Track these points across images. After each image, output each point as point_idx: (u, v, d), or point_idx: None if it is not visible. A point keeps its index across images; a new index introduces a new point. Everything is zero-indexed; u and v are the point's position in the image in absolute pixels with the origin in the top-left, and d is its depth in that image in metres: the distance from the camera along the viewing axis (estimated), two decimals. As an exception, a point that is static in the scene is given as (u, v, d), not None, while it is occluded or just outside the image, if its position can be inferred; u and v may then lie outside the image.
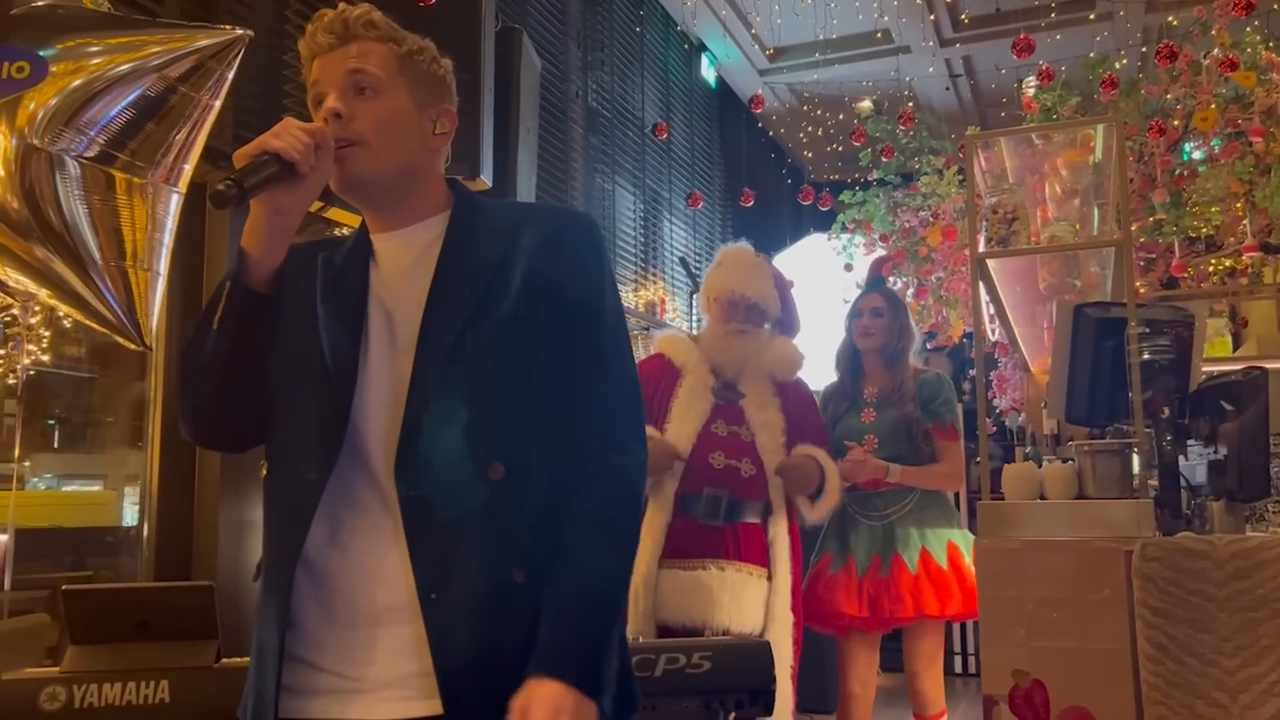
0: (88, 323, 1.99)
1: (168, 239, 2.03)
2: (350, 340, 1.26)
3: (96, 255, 1.89)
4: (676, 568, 2.74)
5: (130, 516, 3.44)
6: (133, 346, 2.03)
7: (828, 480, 2.85)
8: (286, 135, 1.21)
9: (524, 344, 1.27)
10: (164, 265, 2.02)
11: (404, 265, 1.32)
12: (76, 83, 1.84)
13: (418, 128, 1.34)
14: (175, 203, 2.03)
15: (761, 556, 2.80)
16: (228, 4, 3.38)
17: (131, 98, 1.89)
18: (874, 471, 3.09)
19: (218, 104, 2.07)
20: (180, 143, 1.99)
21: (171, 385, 3.27)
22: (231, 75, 2.09)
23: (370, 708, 1.18)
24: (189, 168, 2.05)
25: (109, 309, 1.93)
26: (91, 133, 1.86)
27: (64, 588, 1.98)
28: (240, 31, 2.08)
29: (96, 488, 3.92)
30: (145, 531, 3.22)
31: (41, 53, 1.84)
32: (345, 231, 4.62)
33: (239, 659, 1.97)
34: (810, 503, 2.86)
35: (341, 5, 1.36)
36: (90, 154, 1.87)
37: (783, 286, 3.05)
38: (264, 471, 1.29)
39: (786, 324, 3.05)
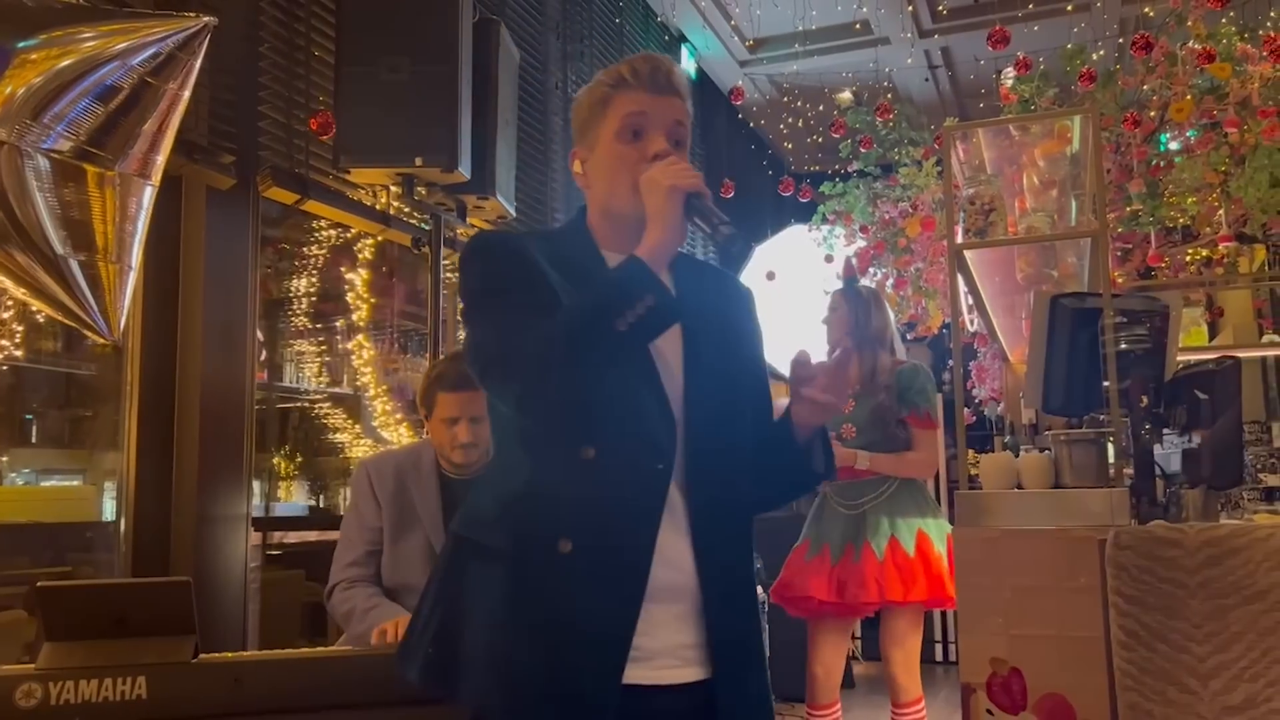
0: (54, 315, 1.98)
1: (140, 232, 2.01)
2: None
3: (63, 249, 1.87)
4: None
5: (110, 512, 3.42)
6: (100, 340, 2.01)
7: None
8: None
9: (740, 367, 1.56)
10: (136, 258, 2.00)
11: None
12: (43, 75, 1.82)
13: None
14: (148, 195, 2.01)
15: None
16: (202, -5, 3.35)
17: (98, 90, 1.87)
18: (843, 459, 3.20)
19: (186, 94, 2.05)
20: (150, 134, 1.97)
21: (147, 378, 3.25)
22: (198, 64, 2.06)
23: (647, 674, 1.38)
24: (161, 159, 2.03)
25: (77, 302, 1.91)
26: (59, 126, 1.84)
27: (39, 584, 1.96)
28: (205, 19, 2.06)
29: (75, 483, 3.90)
30: (123, 527, 3.20)
31: (5, 45, 1.81)
32: (323, 224, 4.60)
33: (217, 654, 1.96)
34: None
35: (667, 58, 1.53)
36: (59, 147, 1.85)
37: None
38: (591, 455, 1.39)
39: None
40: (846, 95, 7.61)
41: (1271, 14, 5.59)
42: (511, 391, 1.40)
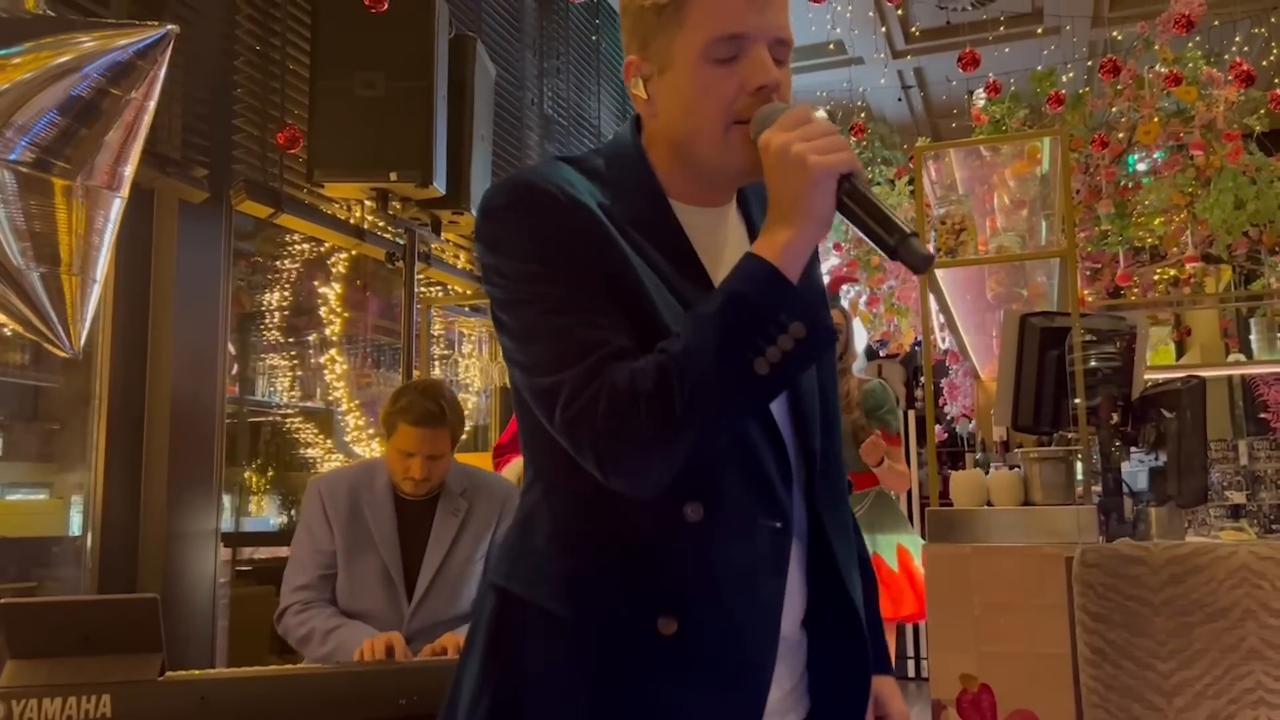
0: (15, 328, 1.95)
1: (106, 245, 1.99)
2: None
3: (22, 261, 1.85)
4: None
5: (76, 526, 3.38)
6: (61, 353, 1.99)
7: None
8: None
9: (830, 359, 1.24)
10: (101, 271, 1.98)
11: (722, 256, 1.14)
12: (7, 85, 1.80)
13: None
14: (117, 207, 1.99)
15: None
16: (174, 7, 3.34)
17: (60, 101, 1.85)
18: (897, 478, 3.34)
19: (152, 104, 2.03)
20: (115, 145, 1.94)
21: (116, 391, 3.22)
22: (163, 73, 2.04)
23: None
24: (129, 171, 2.01)
25: (38, 315, 1.89)
26: (23, 139, 1.82)
27: (2, 601, 1.94)
28: (168, 27, 2.04)
29: (42, 496, 3.85)
30: (89, 542, 3.16)
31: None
32: (296, 238, 4.58)
33: (184, 672, 1.94)
34: None
35: None
36: (23, 160, 1.83)
37: None
38: (698, 515, 1.06)
39: None
40: (821, 114, 7.67)
41: (1237, 38, 5.69)
42: (615, 465, 1.00)
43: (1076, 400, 2.78)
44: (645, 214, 1.11)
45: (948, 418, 6.30)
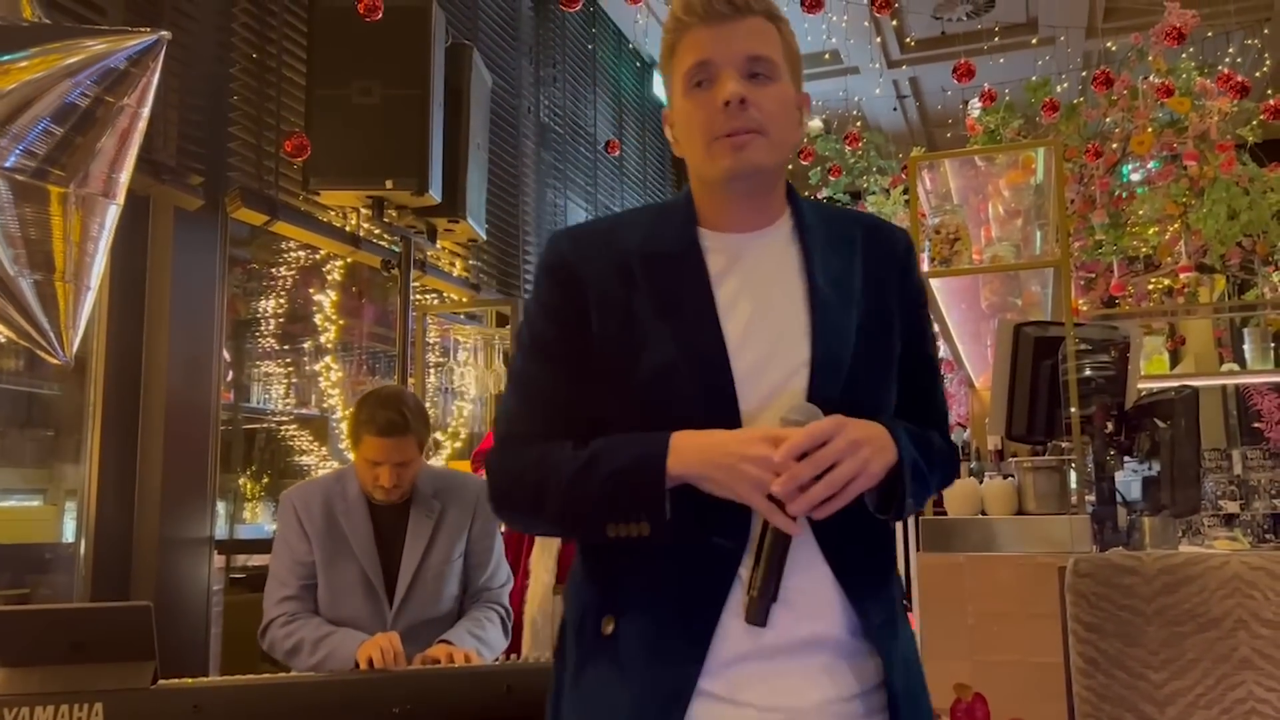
0: (8, 334, 1.95)
1: (101, 252, 1.99)
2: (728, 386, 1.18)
3: (14, 268, 1.85)
4: None
5: (70, 533, 3.38)
6: (53, 361, 1.99)
7: None
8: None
9: (891, 366, 1.26)
10: (95, 279, 1.98)
11: (756, 275, 1.24)
12: (5, 90, 1.80)
13: (796, 115, 1.26)
14: (112, 215, 1.99)
15: None
16: (172, 16, 3.35)
17: (54, 109, 1.85)
18: None
19: (146, 110, 2.02)
20: (110, 152, 1.94)
21: (111, 397, 3.21)
22: (155, 80, 2.04)
23: None
24: (124, 178, 2.00)
25: (30, 322, 1.89)
26: (18, 148, 1.82)
27: (-6, 608, 1.93)
28: (160, 33, 2.04)
29: (36, 503, 3.84)
30: (83, 548, 3.16)
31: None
32: (292, 245, 4.58)
33: (176, 680, 1.94)
34: None
35: None
36: (18, 168, 1.83)
37: None
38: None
39: None
40: (816, 123, 7.69)
41: (1230, 49, 5.72)
42: (495, 511, 1.29)
43: (1070, 409, 2.78)
44: (673, 248, 1.24)
45: (942, 426, 6.29)
